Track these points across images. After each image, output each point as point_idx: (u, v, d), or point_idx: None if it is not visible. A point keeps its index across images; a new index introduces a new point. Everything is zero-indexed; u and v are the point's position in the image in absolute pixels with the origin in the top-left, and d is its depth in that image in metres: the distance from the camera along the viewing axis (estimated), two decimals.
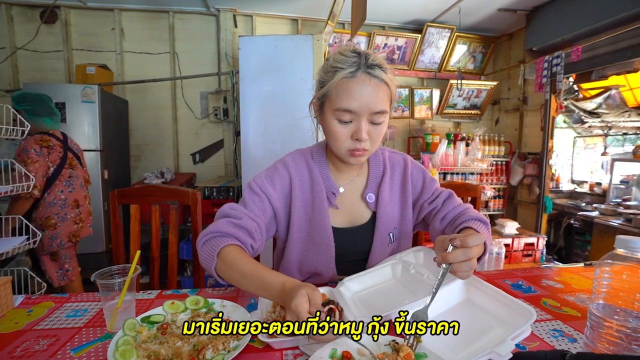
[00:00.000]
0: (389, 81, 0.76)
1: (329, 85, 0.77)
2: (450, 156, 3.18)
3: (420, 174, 0.95)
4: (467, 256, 0.60)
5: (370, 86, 0.74)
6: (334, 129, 0.78)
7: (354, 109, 0.75)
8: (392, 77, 0.78)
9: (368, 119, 0.76)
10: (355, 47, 0.80)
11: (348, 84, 0.74)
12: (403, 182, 0.94)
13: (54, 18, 2.93)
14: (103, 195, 2.52)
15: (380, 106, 0.75)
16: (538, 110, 3.26)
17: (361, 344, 0.56)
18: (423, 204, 0.92)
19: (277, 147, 2.43)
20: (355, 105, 0.74)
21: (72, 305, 0.77)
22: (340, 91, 0.75)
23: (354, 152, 0.79)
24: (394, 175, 0.94)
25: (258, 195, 0.85)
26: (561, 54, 2.77)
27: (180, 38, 3.16)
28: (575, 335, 0.64)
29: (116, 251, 1.17)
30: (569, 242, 3.36)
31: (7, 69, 2.90)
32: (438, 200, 0.90)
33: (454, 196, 0.91)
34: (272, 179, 0.87)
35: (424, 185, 0.93)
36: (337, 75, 0.75)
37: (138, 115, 3.16)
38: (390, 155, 0.97)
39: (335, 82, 0.75)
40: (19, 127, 1.55)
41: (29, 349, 0.60)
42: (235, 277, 0.69)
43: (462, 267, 0.60)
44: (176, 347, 0.57)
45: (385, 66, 0.77)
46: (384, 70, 0.76)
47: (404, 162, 0.96)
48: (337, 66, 0.76)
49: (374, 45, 3.34)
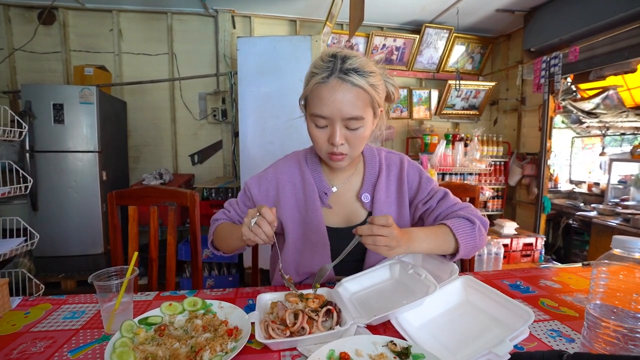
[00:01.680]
0: (365, 85, 0.74)
1: (306, 91, 0.79)
2: (449, 157, 3.19)
3: (417, 174, 0.95)
4: (371, 231, 0.67)
5: (341, 92, 0.73)
6: (312, 132, 0.81)
7: (326, 115, 0.75)
8: (375, 80, 0.76)
9: (343, 124, 0.76)
10: (337, 50, 0.77)
11: (320, 90, 0.75)
12: (399, 182, 0.94)
13: (52, 19, 2.92)
14: (101, 197, 2.52)
15: (352, 112, 0.74)
16: (536, 111, 3.27)
17: None
18: (418, 204, 0.92)
19: (275, 148, 2.42)
20: (326, 111, 0.74)
21: (69, 307, 0.77)
22: (314, 97, 0.76)
23: (331, 155, 0.81)
24: (390, 175, 0.94)
25: (246, 194, 0.97)
26: (559, 55, 2.77)
27: (178, 39, 3.16)
28: (572, 336, 0.65)
29: (114, 252, 1.17)
30: (567, 242, 3.36)
31: (5, 71, 2.89)
32: (432, 200, 0.90)
33: (449, 195, 0.90)
34: (259, 181, 0.96)
35: (420, 185, 0.93)
36: (312, 81, 0.76)
37: (136, 117, 3.15)
38: (387, 155, 0.98)
39: (310, 88, 0.77)
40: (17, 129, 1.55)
41: (26, 351, 0.60)
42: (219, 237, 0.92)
43: (367, 240, 0.68)
44: (173, 348, 0.57)
45: (364, 70, 0.75)
46: (361, 75, 0.74)
47: (400, 162, 0.96)
48: (313, 71, 0.77)
49: (373, 46, 3.35)
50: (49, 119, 2.38)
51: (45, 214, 2.43)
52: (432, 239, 0.78)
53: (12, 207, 2.49)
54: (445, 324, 0.65)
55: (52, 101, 2.38)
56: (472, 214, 0.84)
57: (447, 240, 0.79)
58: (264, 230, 0.70)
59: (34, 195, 2.37)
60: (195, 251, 1.16)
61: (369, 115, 0.79)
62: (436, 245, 0.78)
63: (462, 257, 0.80)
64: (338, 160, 0.82)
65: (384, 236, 0.66)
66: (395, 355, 0.54)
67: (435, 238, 0.78)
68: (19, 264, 2.32)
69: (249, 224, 0.70)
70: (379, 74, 0.80)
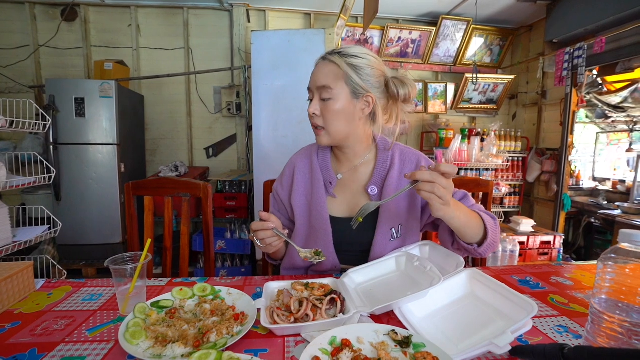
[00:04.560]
0: (340, 63, 0.83)
1: None
2: (464, 151, 3.12)
3: None
4: (432, 177, 0.65)
5: (319, 66, 0.87)
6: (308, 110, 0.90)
7: (309, 87, 0.89)
8: (358, 62, 0.84)
9: (318, 94, 0.86)
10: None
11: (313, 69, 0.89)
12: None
13: (74, 16, 3.02)
14: (120, 188, 2.61)
15: (322, 81, 0.84)
16: (558, 105, 3.15)
17: None
18: None
19: (288, 142, 2.44)
20: (310, 84, 0.89)
21: (88, 290, 0.82)
22: None
23: (314, 129, 0.90)
24: (404, 171, 0.94)
25: (275, 200, 1.05)
26: (583, 46, 2.66)
27: (194, 34, 3.21)
28: (580, 332, 0.63)
29: (131, 241, 1.22)
30: (588, 241, 3.25)
31: (30, 66, 3.02)
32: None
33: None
34: (280, 180, 1.04)
35: None
36: None
37: (153, 110, 3.24)
38: (403, 150, 0.97)
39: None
40: (41, 122, 1.62)
41: (49, 328, 0.64)
42: None
43: (425, 187, 0.66)
44: (182, 330, 0.59)
45: (348, 53, 0.85)
46: (342, 56, 0.84)
47: (417, 160, 0.95)
48: None
49: (388, 39, 3.30)
50: (71, 113, 2.48)
51: (67, 203, 2.54)
52: (469, 216, 0.78)
53: (37, 197, 2.61)
54: (448, 316, 0.65)
55: (74, 95, 2.47)
56: (491, 214, 0.87)
57: (479, 225, 0.80)
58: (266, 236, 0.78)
59: (57, 186, 2.48)
60: (208, 241, 1.19)
61: (340, 89, 0.84)
62: (472, 224, 0.78)
63: (485, 251, 0.80)
64: (318, 135, 0.90)
65: (443, 187, 0.65)
66: (397, 344, 0.55)
67: (472, 217, 0.79)
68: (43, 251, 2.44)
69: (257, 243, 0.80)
70: (373, 64, 0.85)
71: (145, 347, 0.56)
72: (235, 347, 0.57)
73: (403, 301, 0.64)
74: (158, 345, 0.56)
